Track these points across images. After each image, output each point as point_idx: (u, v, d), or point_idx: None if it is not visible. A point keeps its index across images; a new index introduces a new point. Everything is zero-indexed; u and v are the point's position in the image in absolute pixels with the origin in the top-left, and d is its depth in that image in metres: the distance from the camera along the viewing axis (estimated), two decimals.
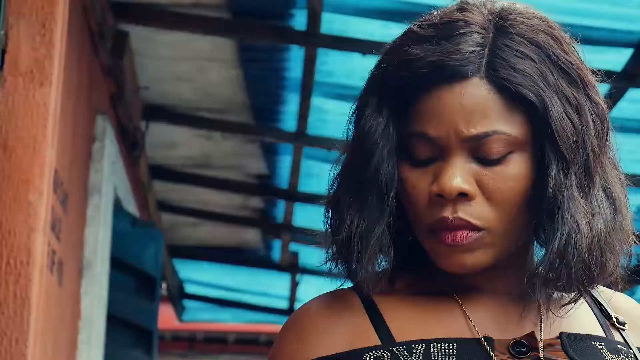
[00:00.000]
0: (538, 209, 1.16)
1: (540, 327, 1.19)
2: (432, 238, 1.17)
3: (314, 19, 3.74)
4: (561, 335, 1.18)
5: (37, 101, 2.42)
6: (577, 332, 1.20)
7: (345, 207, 1.19)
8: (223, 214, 6.14)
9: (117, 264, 4.24)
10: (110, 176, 3.96)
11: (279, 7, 3.87)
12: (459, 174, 1.15)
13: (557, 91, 1.16)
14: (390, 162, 1.18)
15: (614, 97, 4.01)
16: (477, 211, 1.15)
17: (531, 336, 1.17)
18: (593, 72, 1.23)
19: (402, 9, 3.56)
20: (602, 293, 1.29)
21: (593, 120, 1.19)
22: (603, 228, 1.17)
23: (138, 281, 4.60)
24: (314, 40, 3.87)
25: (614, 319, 1.25)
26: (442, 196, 1.15)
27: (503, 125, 1.15)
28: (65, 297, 3.33)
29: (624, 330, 1.24)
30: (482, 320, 1.19)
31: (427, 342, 1.15)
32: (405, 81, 1.17)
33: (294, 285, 7.13)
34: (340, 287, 1.24)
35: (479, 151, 1.15)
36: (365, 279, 1.18)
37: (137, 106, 4.59)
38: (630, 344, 1.22)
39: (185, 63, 4.33)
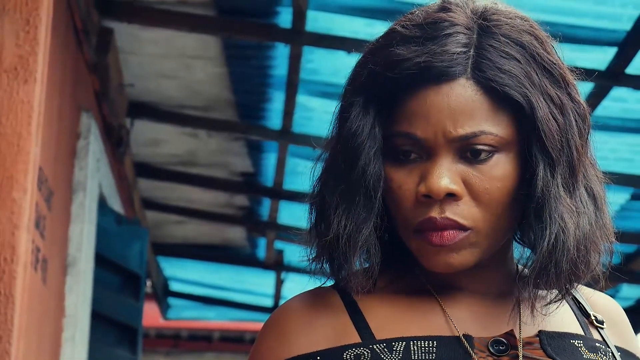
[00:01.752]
0: (525, 209, 1.17)
1: (520, 325, 1.20)
2: (418, 238, 1.17)
3: (299, 16, 3.74)
4: (540, 333, 1.19)
5: (21, 98, 2.42)
6: (556, 330, 1.21)
7: (331, 208, 1.19)
8: (208, 211, 6.13)
9: (102, 261, 4.23)
10: (94, 173, 3.95)
11: (265, 4, 3.87)
12: (447, 175, 1.15)
13: (542, 91, 1.17)
14: (377, 163, 1.18)
15: (598, 96, 4.02)
16: (464, 211, 1.16)
17: (510, 334, 1.18)
18: (572, 70, 1.24)
19: (386, 7, 3.56)
20: (581, 291, 1.30)
21: (575, 120, 1.20)
22: (588, 226, 1.19)
23: (123, 279, 4.60)
24: (299, 38, 3.87)
25: (593, 318, 1.26)
26: (429, 196, 1.15)
27: (490, 125, 1.16)
28: (49, 295, 3.33)
29: (602, 328, 1.25)
30: (462, 319, 1.19)
31: (407, 339, 1.16)
32: (392, 82, 1.17)
33: (279, 283, 7.14)
34: (322, 285, 1.24)
35: (466, 151, 1.16)
36: (352, 279, 1.19)
37: (122, 103, 4.58)
38: (608, 343, 1.23)
39: (171, 60, 4.32)
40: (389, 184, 1.18)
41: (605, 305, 1.30)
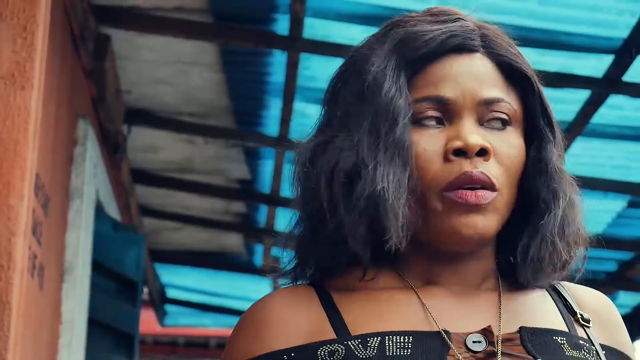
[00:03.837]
0: (531, 185, 1.21)
1: (500, 320, 1.20)
2: (449, 196, 1.17)
3: (296, 23, 3.74)
4: (521, 329, 1.18)
5: (19, 104, 2.42)
6: (539, 326, 1.20)
7: (369, 167, 1.17)
8: (205, 218, 6.13)
9: (99, 268, 4.23)
10: (91, 180, 3.95)
11: (262, 11, 3.87)
12: (476, 133, 1.19)
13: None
14: (408, 127, 1.19)
15: (594, 103, 4.03)
16: (493, 170, 1.18)
17: (488, 330, 1.17)
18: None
19: (383, 14, 3.56)
20: (568, 289, 1.29)
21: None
22: (576, 201, 1.24)
23: (119, 285, 4.59)
24: (297, 45, 3.87)
25: (579, 316, 1.25)
26: (461, 153, 1.17)
27: (506, 96, 1.22)
28: (46, 301, 3.32)
29: (588, 327, 1.25)
30: (441, 312, 1.19)
31: (382, 334, 1.15)
32: (417, 50, 1.20)
33: None
34: (297, 283, 1.26)
35: (485, 117, 1.20)
36: (396, 229, 1.16)
37: (119, 110, 4.58)
38: (593, 341, 1.22)
39: (168, 67, 4.32)
40: (414, 148, 1.19)
41: (594, 303, 1.29)
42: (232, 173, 5.51)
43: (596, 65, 3.81)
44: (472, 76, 1.20)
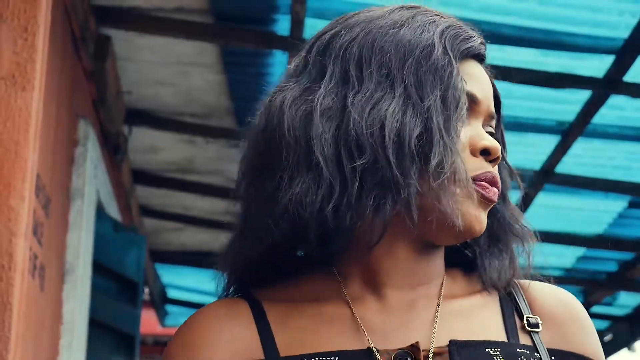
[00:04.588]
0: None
1: (434, 333, 1.16)
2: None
3: (297, 24, 3.74)
4: (450, 343, 1.15)
5: (19, 105, 2.42)
6: (473, 338, 1.16)
7: (444, 133, 1.14)
8: (206, 219, 6.13)
9: (99, 268, 4.23)
10: (92, 180, 3.95)
11: (262, 12, 3.87)
12: None
13: None
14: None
15: (595, 104, 4.03)
16: None
17: (415, 347, 1.14)
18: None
19: None
20: (527, 289, 1.25)
21: None
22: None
23: (120, 286, 4.59)
24: (297, 45, 3.86)
25: (525, 322, 1.21)
26: (487, 153, 1.18)
27: None
28: (46, 302, 3.32)
29: (536, 331, 1.20)
30: (374, 326, 1.17)
31: (309, 356, 1.13)
32: (465, 43, 1.20)
33: None
34: (232, 296, 1.25)
35: (483, 128, 1.22)
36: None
37: (119, 110, 4.58)
38: (538, 347, 1.19)
39: (168, 67, 4.32)
40: None
41: (550, 303, 1.24)
42: (233, 173, 5.47)
43: (597, 66, 3.81)
44: (489, 86, 1.22)
